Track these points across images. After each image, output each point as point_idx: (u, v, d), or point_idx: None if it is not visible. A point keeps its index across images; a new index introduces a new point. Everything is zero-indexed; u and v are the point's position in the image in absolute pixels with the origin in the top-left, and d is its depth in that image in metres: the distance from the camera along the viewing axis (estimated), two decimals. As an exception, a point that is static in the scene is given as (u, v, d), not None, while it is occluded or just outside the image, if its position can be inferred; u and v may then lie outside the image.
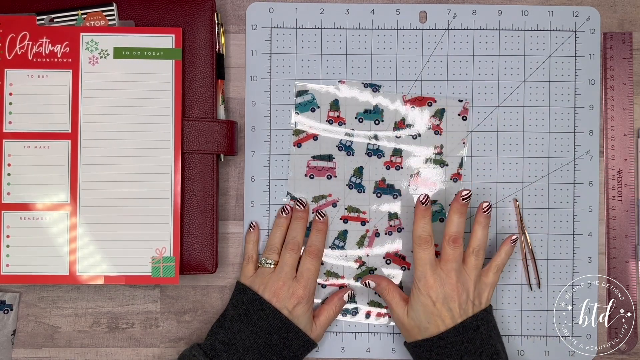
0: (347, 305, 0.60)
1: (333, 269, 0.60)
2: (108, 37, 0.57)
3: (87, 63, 0.56)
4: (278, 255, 0.58)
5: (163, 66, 0.57)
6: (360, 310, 0.60)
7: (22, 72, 0.56)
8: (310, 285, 0.56)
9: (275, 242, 0.58)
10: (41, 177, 0.56)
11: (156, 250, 0.56)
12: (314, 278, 0.57)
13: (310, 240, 0.58)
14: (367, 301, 0.60)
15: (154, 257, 0.56)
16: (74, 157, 0.56)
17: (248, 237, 0.59)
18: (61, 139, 0.56)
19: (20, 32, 0.56)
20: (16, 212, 0.56)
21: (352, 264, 0.60)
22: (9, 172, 0.56)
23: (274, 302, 0.55)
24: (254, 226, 0.60)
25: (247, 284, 0.57)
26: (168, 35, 0.57)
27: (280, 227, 0.59)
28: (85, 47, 0.56)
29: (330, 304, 0.58)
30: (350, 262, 0.60)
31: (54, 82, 0.56)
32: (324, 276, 0.60)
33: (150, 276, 0.56)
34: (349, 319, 0.60)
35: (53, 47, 0.56)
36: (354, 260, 0.60)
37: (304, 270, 0.57)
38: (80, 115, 0.56)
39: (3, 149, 0.56)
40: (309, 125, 0.60)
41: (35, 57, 0.56)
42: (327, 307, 0.58)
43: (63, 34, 0.56)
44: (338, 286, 0.60)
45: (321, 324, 0.57)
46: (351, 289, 0.60)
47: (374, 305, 0.60)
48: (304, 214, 0.59)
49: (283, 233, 0.59)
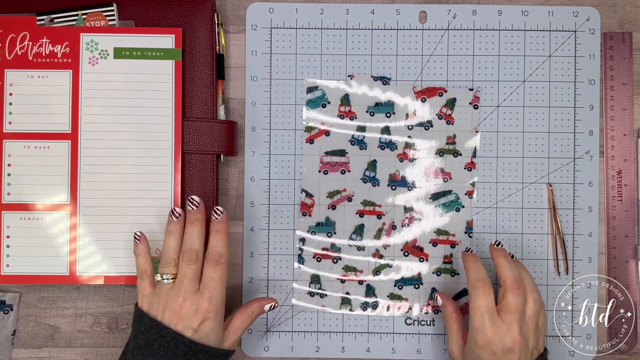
0: (367, 298, 0.60)
1: (351, 263, 0.60)
2: (108, 38, 0.57)
3: (87, 63, 0.56)
4: (176, 267, 0.51)
5: (163, 66, 0.57)
6: (380, 304, 0.60)
7: (22, 72, 0.56)
8: (216, 297, 0.50)
9: (170, 252, 0.52)
10: (41, 177, 0.56)
11: (156, 250, 0.56)
12: (220, 288, 0.51)
13: (210, 245, 0.52)
14: (387, 294, 0.60)
15: (154, 257, 0.56)
16: (74, 157, 0.56)
17: (136, 249, 0.53)
18: (61, 139, 0.56)
19: (20, 33, 0.56)
20: (16, 213, 0.56)
21: (370, 258, 0.60)
22: (9, 172, 0.56)
23: (175, 323, 0.49)
24: (139, 236, 0.53)
25: (144, 307, 0.51)
26: (168, 35, 0.57)
27: (174, 235, 0.52)
28: (86, 48, 0.56)
29: (248, 310, 0.54)
30: (368, 256, 0.60)
31: (54, 82, 0.56)
32: (342, 271, 0.60)
33: (150, 276, 0.56)
34: (370, 312, 0.60)
35: (53, 47, 0.56)
36: (372, 254, 0.60)
37: (206, 281, 0.51)
38: (80, 115, 0.56)
39: (3, 149, 0.56)
40: (321, 120, 0.60)
41: (36, 58, 0.56)
42: (244, 312, 0.54)
43: (63, 34, 0.56)
44: (357, 281, 0.60)
45: (236, 330, 0.53)
46: (275, 300, 0.56)
47: (393, 299, 0.60)
48: (199, 215, 0.52)
49: (178, 241, 0.52)
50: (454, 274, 0.60)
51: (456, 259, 0.60)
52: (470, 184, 0.60)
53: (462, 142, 0.60)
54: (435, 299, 0.57)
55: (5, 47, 0.56)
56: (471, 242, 0.60)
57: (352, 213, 0.60)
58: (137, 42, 0.57)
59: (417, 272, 0.60)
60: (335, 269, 0.60)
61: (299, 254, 0.60)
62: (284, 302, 0.60)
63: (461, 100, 0.60)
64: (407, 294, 0.60)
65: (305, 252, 0.60)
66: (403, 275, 0.60)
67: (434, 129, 0.60)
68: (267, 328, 0.60)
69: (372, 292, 0.60)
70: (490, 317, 0.50)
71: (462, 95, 0.60)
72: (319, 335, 0.60)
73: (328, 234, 0.60)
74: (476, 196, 0.60)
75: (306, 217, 0.60)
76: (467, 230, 0.60)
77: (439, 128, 0.60)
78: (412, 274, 0.60)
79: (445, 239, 0.60)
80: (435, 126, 0.60)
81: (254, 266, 0.60)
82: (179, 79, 0.57)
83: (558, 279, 0.60)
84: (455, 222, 0.60)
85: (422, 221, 0.60)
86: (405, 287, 0.60)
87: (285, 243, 0.60)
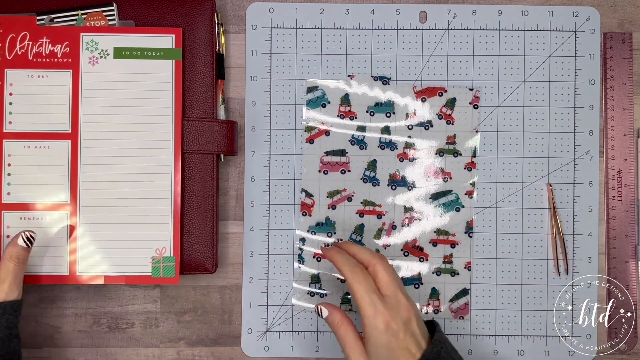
0: None
1: None
2: (108, 37, 0.56)
3: (87, 63, 0.56)
4: None
5: (163, 66, 0.57)
6: None
7: (22, 72, 0.56)
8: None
9: None
10: (41, 177, 0.56)
11: (156, 250, 0.56)
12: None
13: None
14: None
15: (154, 257, 0.56)
16: (74, 157, 0.56)
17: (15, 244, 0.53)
18: (61, 139, 0.56)
19: (20, 33, 0.56)
20: (16, 212, 0.56)
21: None
22: (9, 172, 0.56)
23: None
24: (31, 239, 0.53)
25: None
26: (168, 35, 0.56)
27: None
28: (86, 47, 0.56)
29: (6, 255, 0.52)
30: None
31: (54, 82, 0.56)
32: None
33: (150, 276, 0.56)
34: None
35: (53, 47, 0.56)
36: None
37: None
38: (80, 115, 0.56)
39: (3, 149, 0.56)
40: (321, 120, 0.60)
41: (36, 57, 0.56)
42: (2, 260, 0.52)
43: (63, 34, 0.56)
44: None
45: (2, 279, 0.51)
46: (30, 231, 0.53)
47: None
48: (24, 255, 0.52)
49: None
50: (454, 274, 0.60)
51: (456, 259, 0.60)
52: (470, 184, 0.60)
53: (462, 142, 0.60)
54: (320, 312, 0.51)
55: (6, 47, 0.56)
56: (471, 242, 0.60)
57: (352, 213, 0.60)
58: (137, 42, 0.56)
59: (417, 272, 0.60)
60: (335, 269, 0.60)
61: (299, 253, 0.60)
62: (284, 302, 0.60)
63: (461, 100, 0.60)
64: (407, 293, 0.60)
65: (305, 252, 0.60)
66: (403, 275, 0.60)
67: (434, 129, 0.60)
68: (267, 328, 0.60)
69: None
70: (379, 297, 0.48)
71: (462, 95, 0.60)
72: (319, 335, 0.60)
73: (328, 233, 0.60)
74: (476, 196, 0.60)
75: (306, 217, 0.60)
76: (467, 230, 0.60)
77: (439, 128, 0.60)
78: (412, 274, 0.60)
79: (445, 239, 0.60)
80: (435, 126, 0.60)
81: (254, 266, 0.60)
82: (179, 79, 0.57)
83: (558, 279, 0.60)
84: (455, 222, 0.60)
85: (422, 221, 0.60)
86: (405, 287, 0.60)
87: (285, 243, 0.60)
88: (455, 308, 0.60)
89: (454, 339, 0.60)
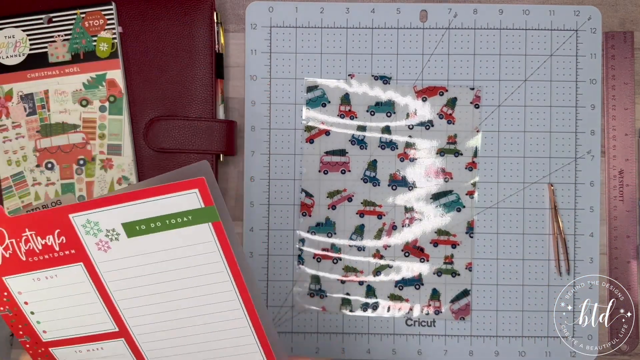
0: (368, 299, 0.59)
1: (351, 264, 0.60)
2: (107, 213, 0.41)
3: (97, 250, 0.42)
4: None
5: (199, 234, 0.41)
6: (380, 305, 0.60)
7: (23, 276, 0.44)
8: None
9: None
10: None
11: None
12: None
13: None
14: (388, 295, 0.60)
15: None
16: (137, 354, 0.47)
17: None
18: (112, 338, 0.46)
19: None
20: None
21: (370, 258, 0.60)
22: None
23: None
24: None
25: None
26: (189, 192, 0.40)
27: None
28: (85, 232, 0.42)
29: None
30: (368, 256, 0.60)
31: (67, 281, 0.44)
32: (343, 271, 0.60)
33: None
34: (370, 313, 0.60)
35: (43, 239, 0.42)
36: (372, 254, 0.60)
37: None
38: (119, 309, 0.45)
39: (55, 357, 0.48)
40: (321, 120, 0.60)
41: (29, 256, 0.43)
42: None
43: (45, 221, 0.42)
44: (357, 282, 0.60)
45: None
46: None
47: (394, 299, 0.60)
48: None
49: None
50: (455, 275, 0.60)
51: (457, 259, 0.60)
52: (471, 184, 0.60)
53: (463, 141, 0.60)
54: None
55: None
56: (472, 243, 0.60)
57: (352, 213, 0.60)
58: (150, 210, 0.40)
59: (417, 273, 0.60)
60: (335, 269, 0.60)
61: (299, 254, 0.60)
62: (284, 303, 0.60)
63: (462, 100, 0.60)
64: (408, 294, 0.60)
65: (305, 253, 0.60)
66: (403, 275, 0.60)
67: (434, 129, 0.60)
68: (267, 329, 0.60)
69: (373, 292, 0.60)
70: None
71: (463, 94, 0.60)
72: (318, 336, 0.60)
73: (328, 234, 0.60)
74: (477, 196, 0.60)
75: (306, 217, 0.60)
76: (468, 230, 0.60)
77: (439, 128, 0.60)
78: (412, 274, 0.60)
79: (446, 239, 0.60)
80: (436, 126, 0.60)
81: (254, 266, 0.60)
82: (226, 244, 0.42)
83: (559, 279, 0.60)
84: (456, 222, 0.60)
85: (423, 221, 0.60)
86: (405, 288, 0.60)
87: (285, 243, 0.60)
88: (456, 309, 0.60)
89: (454, 340, 0.60)
